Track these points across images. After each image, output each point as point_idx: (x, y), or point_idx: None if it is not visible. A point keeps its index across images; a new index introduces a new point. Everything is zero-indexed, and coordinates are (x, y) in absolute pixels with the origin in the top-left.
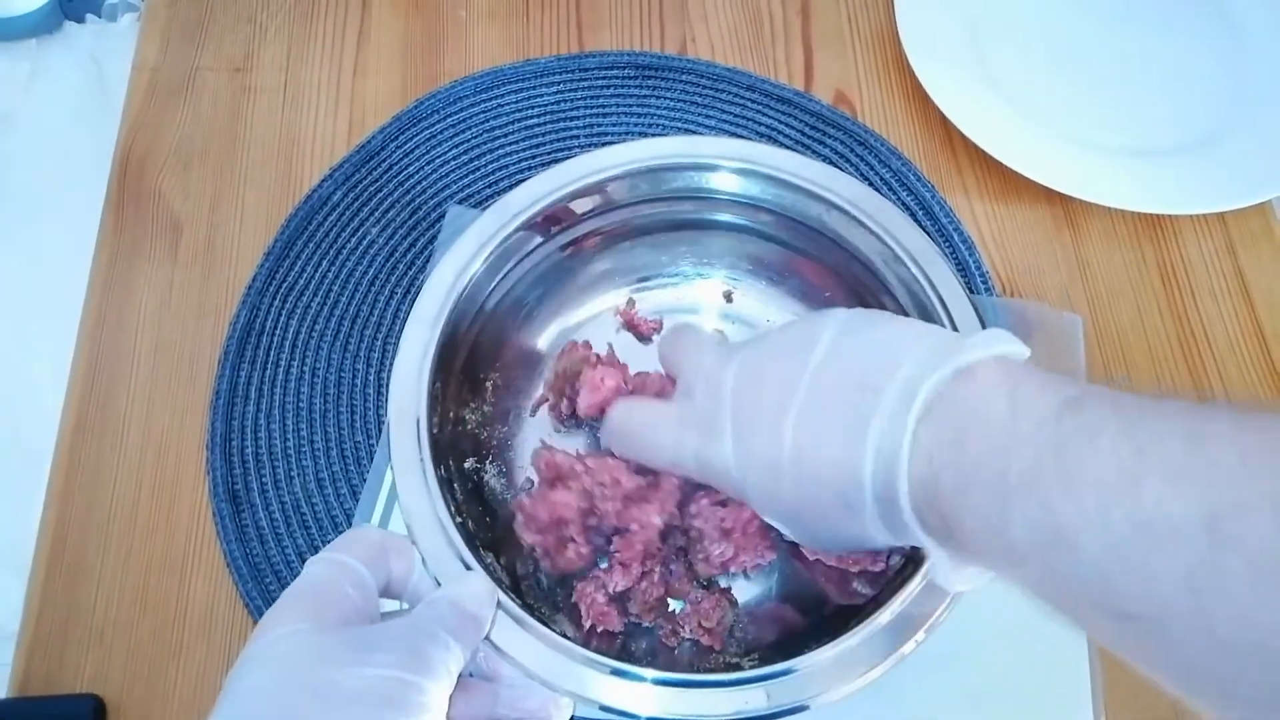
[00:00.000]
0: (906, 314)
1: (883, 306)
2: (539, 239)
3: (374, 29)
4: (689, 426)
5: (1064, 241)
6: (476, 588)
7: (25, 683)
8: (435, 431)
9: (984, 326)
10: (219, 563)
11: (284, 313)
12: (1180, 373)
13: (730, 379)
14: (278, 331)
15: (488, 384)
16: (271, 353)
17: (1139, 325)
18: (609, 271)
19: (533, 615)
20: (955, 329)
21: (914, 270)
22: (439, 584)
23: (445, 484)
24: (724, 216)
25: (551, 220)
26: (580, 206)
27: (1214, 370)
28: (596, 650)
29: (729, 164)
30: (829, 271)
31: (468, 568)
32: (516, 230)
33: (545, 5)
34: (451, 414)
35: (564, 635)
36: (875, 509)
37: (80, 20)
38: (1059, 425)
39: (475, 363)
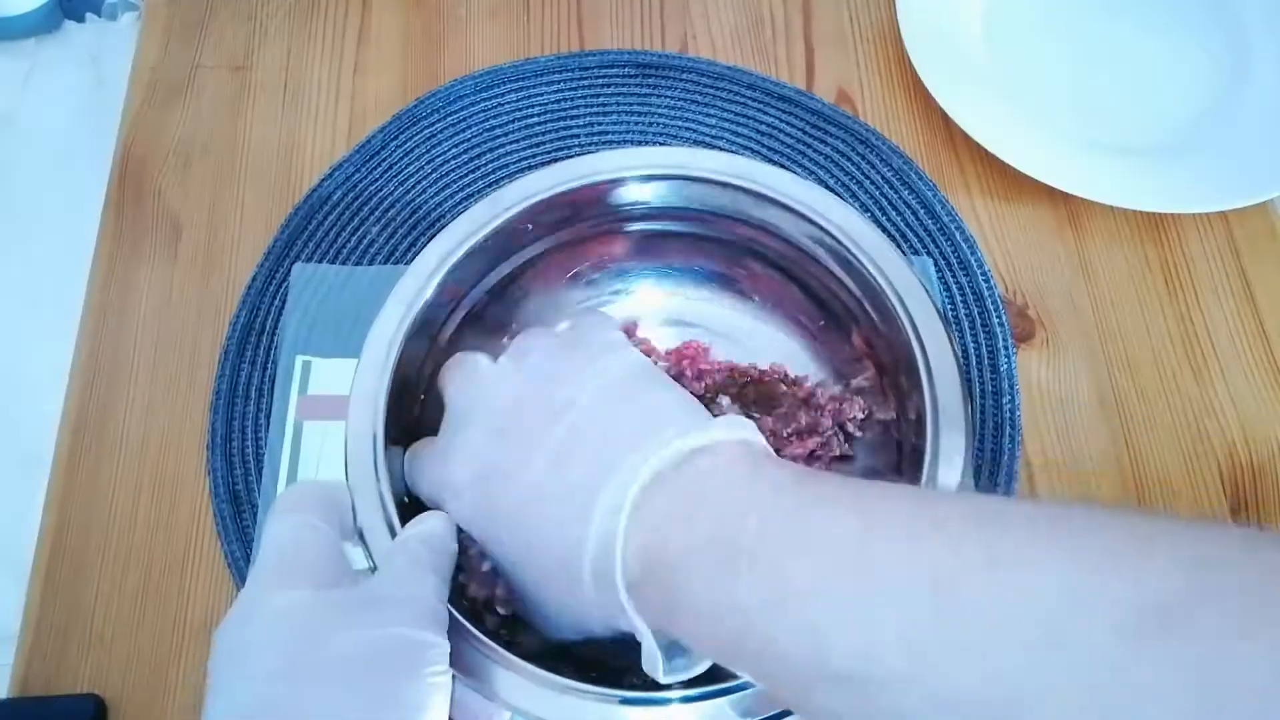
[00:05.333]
0: (881, 359)
1: (850, 342)
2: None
3: (374, 27)
4: (430, 459)
5: (1066, 240)
6: (437, 523)
7: (26, 683)
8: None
9: (962, 374)
10: (219, 563)
11: (284, 311)
12: (1183, 372)
13: (479, 418)
14: (278, 331)
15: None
16: (271, 353)
17: (1141, 324)
18: (578, 280)
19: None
20: (930, 372)
21: (899, 308)
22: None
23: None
24: (697, 229)
25: (517, 232)
26: (559, 212)
27: (1217, 370)
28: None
29: (727, 180)
30: (810, 300)
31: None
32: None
33: (545, 3)
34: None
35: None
36: (593, 585)
37: (80, 19)
38: (796, 491)
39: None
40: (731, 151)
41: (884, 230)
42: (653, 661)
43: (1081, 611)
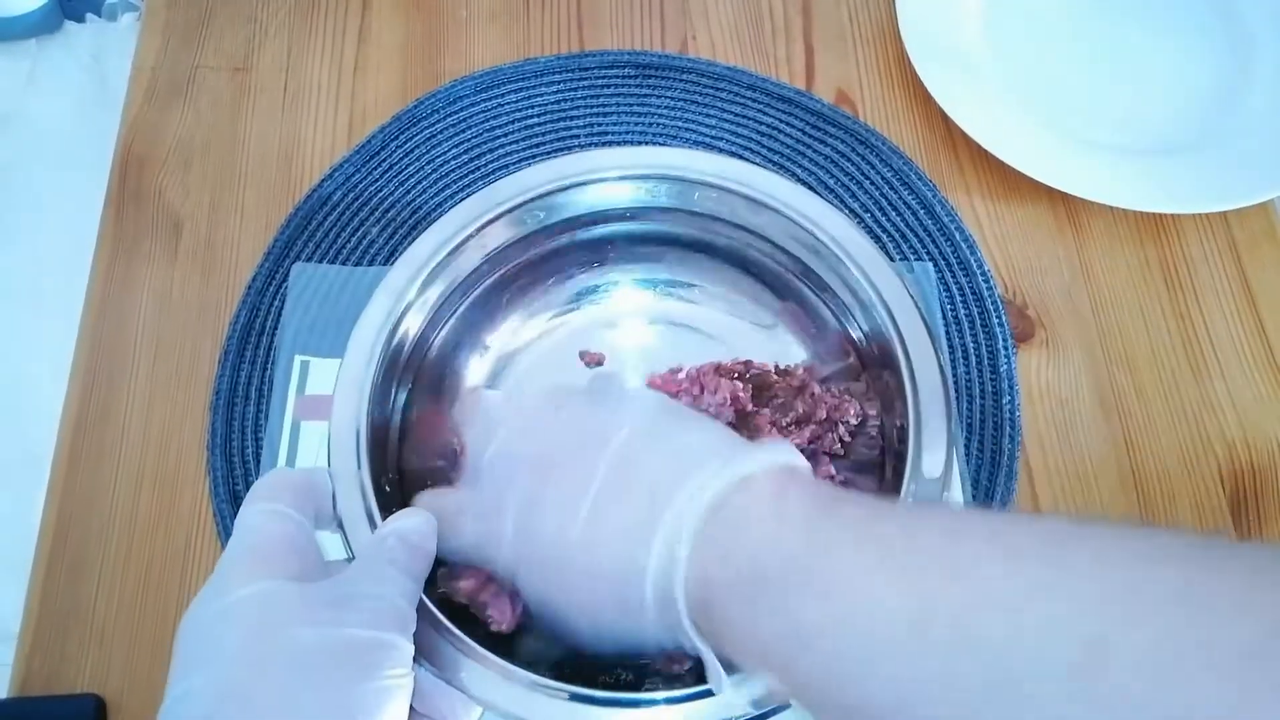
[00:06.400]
0: (864, 365)
1: (845, 353)
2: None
3: (374, 28)
4: (470, 511)
5: (1066, 241)
6: (418, 521)
7: (26, 683)
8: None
9: (948, 388)
10: None
11: (284, 311)
12: (1183, 372)
13: (522, 467)
14: (278, 331)
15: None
16: (271, 352)
17: (1141, 325)
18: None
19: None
20: (914, 379)
21: (887, 320)
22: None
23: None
24: (695, 234)
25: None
26: (553, 208)
27: (1216, 369)
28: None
29: (724, 184)
30: (801, 306)
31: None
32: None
33: (545, 4)
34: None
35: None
36: (655, 609)
37: (80, 20)
38: (816, 526)
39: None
40: (730, 153)
41: (883, 231)
42: (717, 678)
43: (1036, 652)
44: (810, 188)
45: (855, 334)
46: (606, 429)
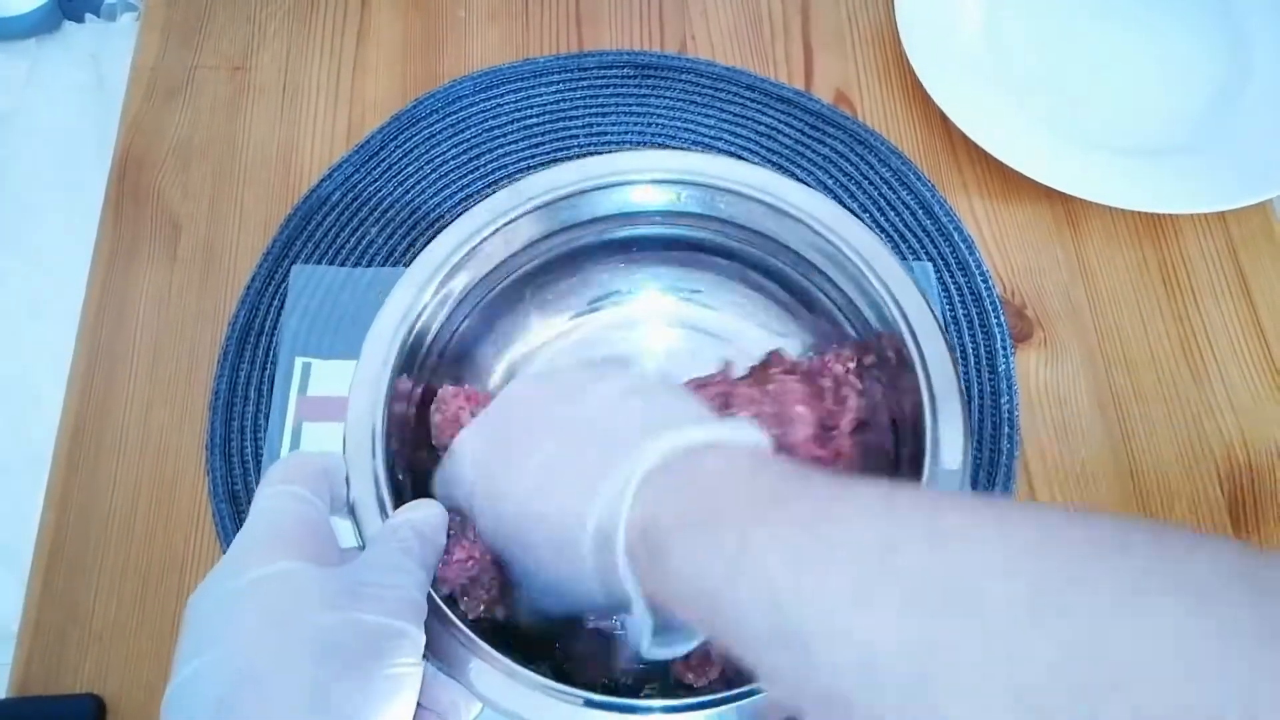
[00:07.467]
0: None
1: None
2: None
3: (373, 28)
4: (456, 453)
5: (1064, 241)
6: (430, 511)
7: (25, 683)
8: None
9: (966, 409)
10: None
11: (283, 312)
12: (1181, 373)
13: (503, 420)
14: (277, 331)
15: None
16: (271, 353)
17: (1140, 325)
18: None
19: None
20: (928, 376)
21: (899, 325)
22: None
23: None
24: (712, 238)
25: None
26: (574, 208)
27: (1215, 370)
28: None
29: (744, 190)
30: (816, 314)
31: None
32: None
33: (544, 4)
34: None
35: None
36: (593, 553)
37: (79, 20)
38: (784, 480)
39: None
40: (730, 153)
41: (882, 231)
42: (638, 630)
43: (991, 584)
44: (809, 188)
45: (868, 337)
46: (581, 389)
